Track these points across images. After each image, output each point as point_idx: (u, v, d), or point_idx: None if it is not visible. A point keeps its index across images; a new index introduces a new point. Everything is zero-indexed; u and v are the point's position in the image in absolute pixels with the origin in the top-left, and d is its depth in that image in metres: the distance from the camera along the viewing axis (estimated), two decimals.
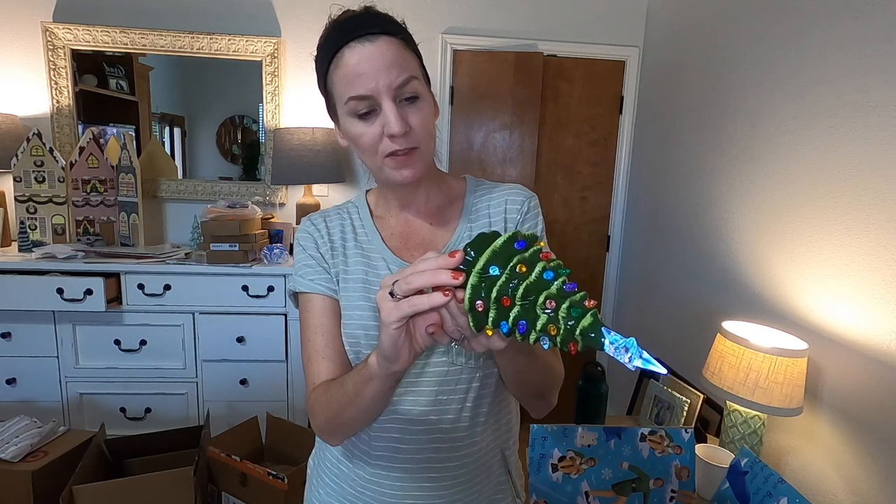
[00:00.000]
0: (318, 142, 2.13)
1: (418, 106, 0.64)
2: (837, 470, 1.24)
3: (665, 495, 1.06)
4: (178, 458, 1.65)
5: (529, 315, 0.45)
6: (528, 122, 2.39)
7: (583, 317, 0.43)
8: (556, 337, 0.44)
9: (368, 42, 0.61)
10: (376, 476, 0.71)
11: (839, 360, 1.24)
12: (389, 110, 0.61)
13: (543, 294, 0.45)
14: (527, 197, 0.76)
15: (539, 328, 0.44)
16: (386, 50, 0.61)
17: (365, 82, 0.60)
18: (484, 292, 0.46)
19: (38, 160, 2.08)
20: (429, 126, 0.65)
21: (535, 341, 0.45)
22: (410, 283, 0.46)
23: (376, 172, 0.68)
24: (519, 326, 0.45)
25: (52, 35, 2.16)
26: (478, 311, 0.46)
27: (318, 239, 0.74)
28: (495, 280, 0.45)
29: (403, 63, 0.62)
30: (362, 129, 0.63)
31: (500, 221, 0.73)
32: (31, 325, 1.91)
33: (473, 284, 0.46)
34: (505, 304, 0.45)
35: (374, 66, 0.60)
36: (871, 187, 1.17)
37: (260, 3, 2.26)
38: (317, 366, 0.69)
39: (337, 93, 0.64)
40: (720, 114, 1.78)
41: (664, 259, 2.17)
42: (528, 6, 2.37)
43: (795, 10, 1.45)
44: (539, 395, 0.69)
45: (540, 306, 0.45)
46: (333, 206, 0.80)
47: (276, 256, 2.02)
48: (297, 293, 0.74)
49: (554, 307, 0.44)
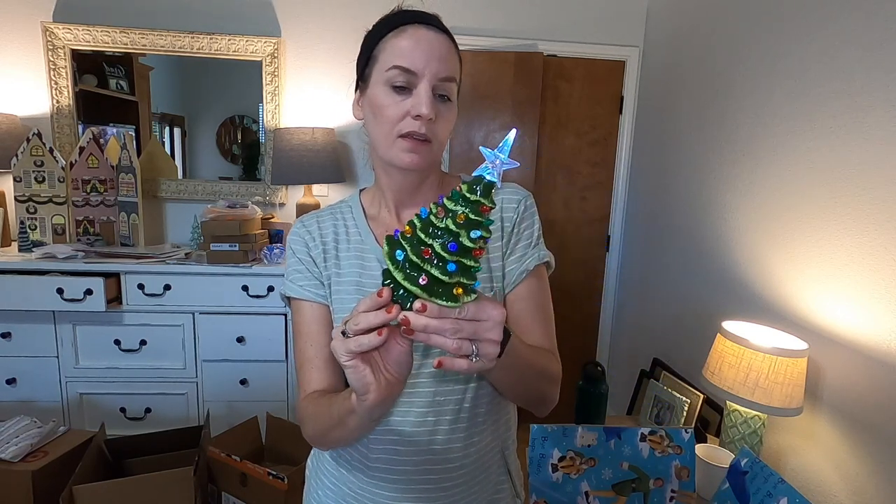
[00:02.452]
0: (318, 142, 2.13)
1: (447, 107, 0.67)
2: (837, 470, 1.24)
3: (665, 495, 1.06)
4: (178, 458, 1.65)
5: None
6: (528, 122, 2.39)
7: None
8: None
9: (432, 31, 0.66)
10: (374, 477, 0.70)
11: (839, 360, 1.24)
12: (425, 92, 0.64)
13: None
14: (522, 197, 0.75)
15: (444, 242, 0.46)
16: (445, 44, 0.66)
17: (416, 59, 0.64)
18: (402, 273, 0.48)
19: (38, 160, 2.08)
20: (448, 128, 0.69)
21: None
22: (358, 325, 0.47)
23: (383, 148, 0.68)
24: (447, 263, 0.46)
25: (52, 35, 2.16)
26: (404, 289, 0.48)
27: (310, 242, 0.74)
28: (405, 258, 0.48)
29: (452, 65, 0.66)
30: (390, 101, 0.65)
31: (497, 223, 0.73)
32: (31, 325, 1.91)
33: (395, 282, 0.48)
34: (425, 255, 0.47)
35: (431, 51, 0.64)
36: (872, 187, 1.17)
37: (260, 3, 2.26)
38: (307, 374, 0.70)
39: (383, 58, 0.66)
40: (720, 114, 1.78)
41: (664, 259, 2.17)
42: (528, 6, 2.37)
43: (796, 10, 1.45)
44: (540, 400, 0.70)
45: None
46: (327, 206, 0.80)
47: (276, 256, 2.02)
48: (288, 297, 0.74)
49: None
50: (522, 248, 0.73)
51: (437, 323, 0.47)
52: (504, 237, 0.73)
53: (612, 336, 2.70)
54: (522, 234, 0.74)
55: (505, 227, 0.73)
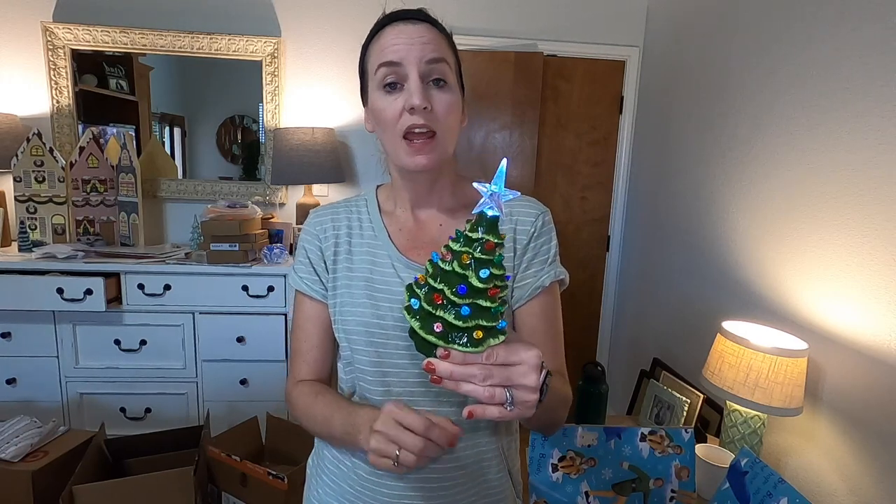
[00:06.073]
0: (318, 142, 2.13)
1: (445, 91, 0.65)
2: (837, 470, 1.24)
3: (665, 495, 1.06)
4: (178, 458, 1.64)
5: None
6: (528, 122, 2.39)
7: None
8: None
9: (410, 24, 0.65)
10: (375, 475, 0.70)
11: (839, 360, 1.24)
12: (414, 82, 0.63)
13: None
14: (540, 213, 0.74)
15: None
16: (424, 32, 0.64)
17: (398, 49, 0.63)
18: (419, 322, 0.48)
19: (38, 160, 2.08)
20: (452, 116, 0.66)
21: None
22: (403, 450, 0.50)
23: (392, 155, 0.68)
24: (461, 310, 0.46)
25: (52, 35, 2.16)
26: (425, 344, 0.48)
27: (321, 235, 0.74)
28: (420, 307, 0.48)
29: (437, 46, 0.65)
30: (386, 103, 0.65)
31: (510, 240, 0.71)
32: (31, 325, 1.91)
33: (413, 331, 0.49)
34: (437, 301, 0.47)
35: (410, 40, 0.63)
36: (872, 187, 1.17)
37: (260, 3, 2.26)
38: (298, 365, 0.75)
39: (370, 64, 0.67)
40: (720, 114, 1.78)
41: (664, 259, 2.17)
42: (528, 6, 2.37)
43: (796, 11, 1.45)
44: (553, 425, 0.72)
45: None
46: (343, 198, 0.80)
47: (276, 256, 2.02)
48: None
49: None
50: (539, 264, 0.72)
51: (462, 370, 0.45)
52: (517, 251, 0.72)
53: (612, 336, 2.70)
54: (539, 250, 0.73)
55: (519, 241, 0.72)
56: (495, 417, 0.47)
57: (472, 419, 0.47)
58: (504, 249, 0.49)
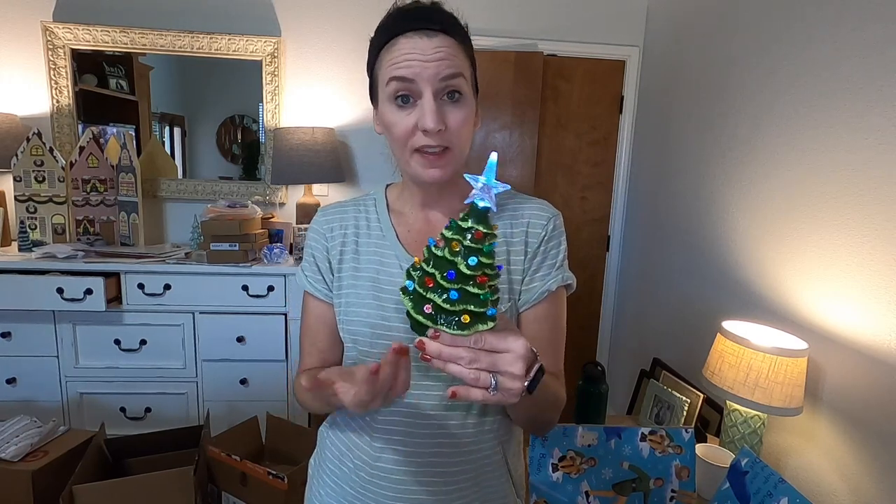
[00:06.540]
0: (318, 141, 2.13)
1: (459, 105, 0.64)
2: (837, 470, 1.24)
3: (665, 495, 1.06)
4: (178, 458, 1.64)
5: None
6: (528, 122, 2.39)
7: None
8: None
9: (426, 36, 0.61)
10: (377, 477, 0.70)
11: (839, 360, 1.24)
12: (427, 102, 0.61)
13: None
14: (551, 216, 0.74)
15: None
16: (440, 46, 0.61)
17: (411, 67, 0.61)
18: (411, 302, 0.50)
19: (38, 160, 2.08)
20: (466, 128, 0.65)
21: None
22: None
23: (404, 165, 0.68)
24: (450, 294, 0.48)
25: (52, 35, 2.16)
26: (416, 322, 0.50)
27: (328, 234, 0.74)
28: (414, 288, 0.50)
29: (453, 60, 0.62)
30: (397, 117, 0.63)
31: (521, 243, 0.72)
32: (31, 325, 1.91)
33: (408, 311, 0.50)
34: (428, 285, 0.49)
35: (424, 57, 0.61)
36: (872, 187, 1.17)
37: (260, 3, 2.26)
38: (304, 357, 0.77)
39: (382, 74, 0.65)
40: (720, 114, 1.78)
41: (664, 259, 2.17)
42: (528, 6, 2.37)
43: (796, 11, 1.45)
44: (544, 426, 0.72)
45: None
46: (352, 197, 0.80)
47: (276, 256, 2.02)
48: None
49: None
50: (547, 268, 0.72)
51: (450, 350, 0.47)
52: (528, 253, 0.72)
53: (612, 336, 2.70)
54: (549, 254, 0.73)
55: (530, 243, 0.72)
56: (478, 400, 0.49)
57: (455, 398, 0.49)
58: (495, 240, 0.50)
